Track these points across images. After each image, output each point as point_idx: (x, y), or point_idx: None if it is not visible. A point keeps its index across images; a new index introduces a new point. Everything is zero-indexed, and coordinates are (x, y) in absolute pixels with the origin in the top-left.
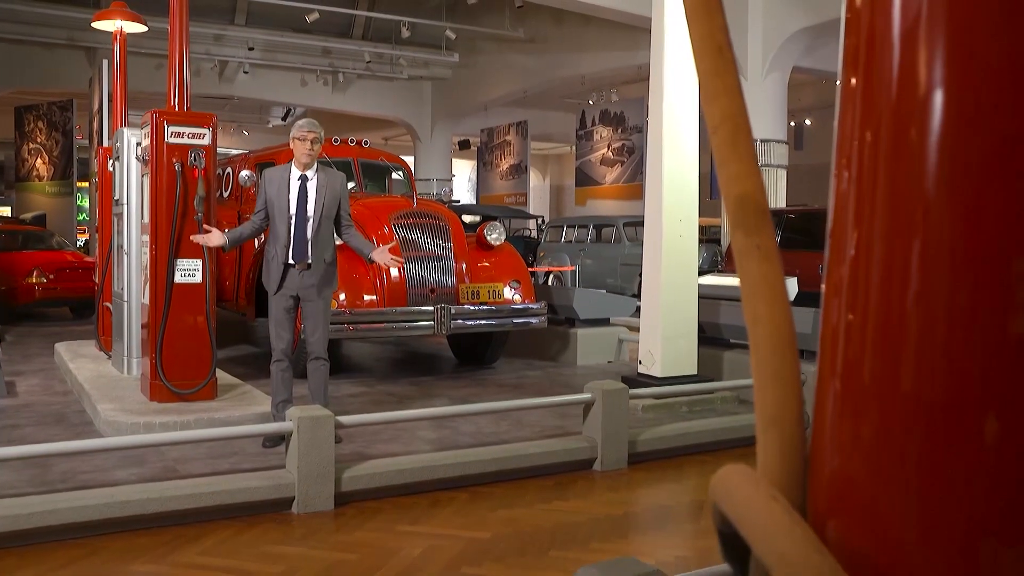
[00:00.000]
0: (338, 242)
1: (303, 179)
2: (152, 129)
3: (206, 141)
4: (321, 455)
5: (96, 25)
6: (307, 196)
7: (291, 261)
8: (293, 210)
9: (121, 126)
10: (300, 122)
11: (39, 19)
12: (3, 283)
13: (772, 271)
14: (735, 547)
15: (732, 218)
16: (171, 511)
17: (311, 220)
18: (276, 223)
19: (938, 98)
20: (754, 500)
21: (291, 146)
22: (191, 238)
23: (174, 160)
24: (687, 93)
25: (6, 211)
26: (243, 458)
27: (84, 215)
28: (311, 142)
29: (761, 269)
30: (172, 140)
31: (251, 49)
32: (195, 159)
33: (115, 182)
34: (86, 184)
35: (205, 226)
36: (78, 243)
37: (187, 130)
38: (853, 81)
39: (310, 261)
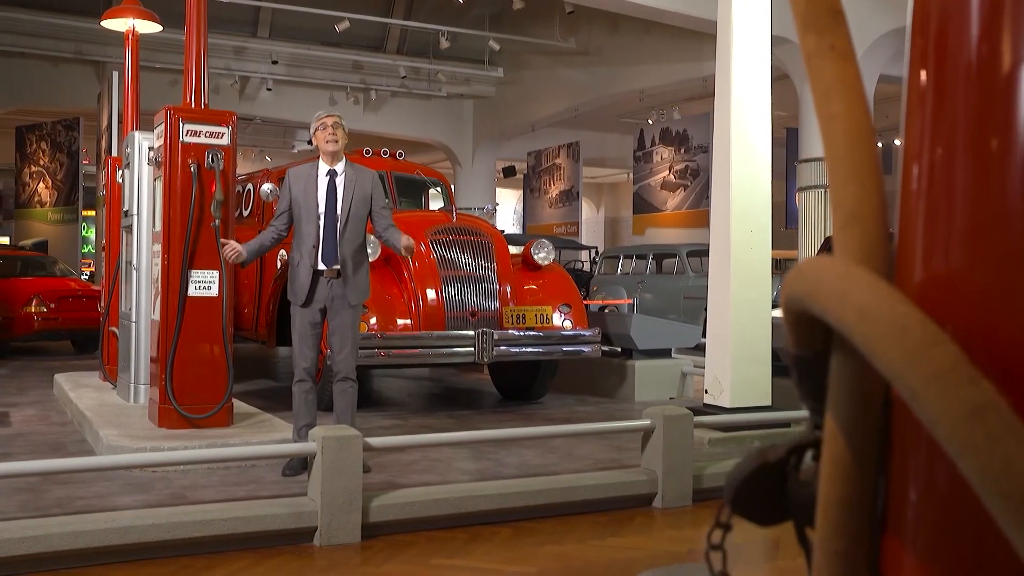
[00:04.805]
0: (370, 252)
1: (332, 174)
2: (166, 128)
3: (225, 141)
4: (347, 481)
5: (106, 24)
6: (336, 193)
7: (320, 266)
8: (322, 208)
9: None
10: (318, 112)
11: (44, 30)
12: None
13: (848, 70)
14: (811, 375)
15: (802, 21)
16: (178, 539)
17: (340, 219)
18: (303, 224)
19: (1022, 102)
20: (831, 269)
21: (314, 141)
22: (224, 250)
23: (190, 161)
24: (758, 86)
25: (4, 240)
26: (260, 487)
27: (90, 247)
28: (332, 127)
29: (836, 69)
30: (188, 139)
31: (275, 63)
32: (213, 160)
33: (124, 192)
34: (92, 213)
35: (223, 239)
36: (83, 276)
37: (204, 128)
38: (923, 83)
39: (339, 267)
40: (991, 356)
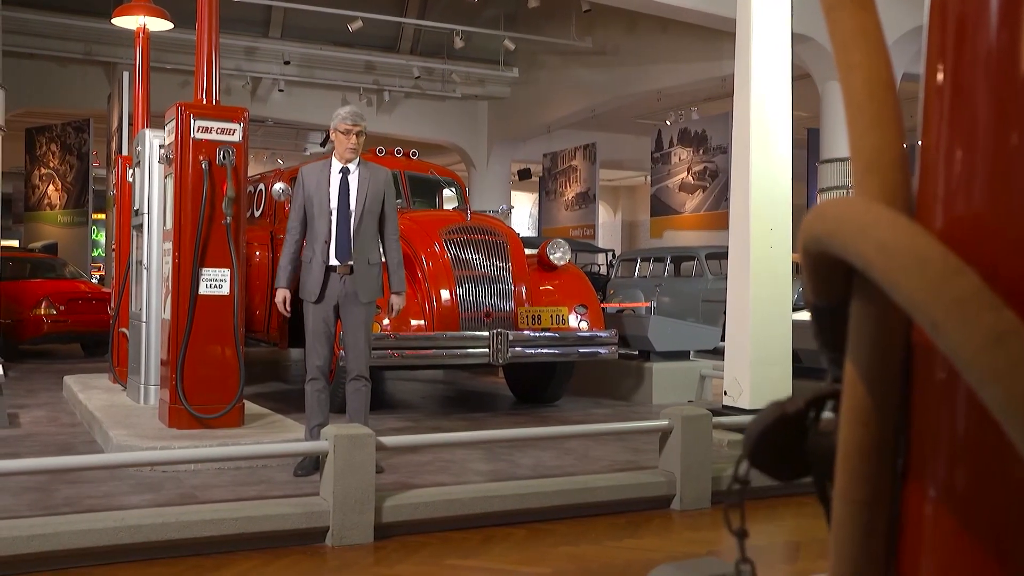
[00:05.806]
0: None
1: (344, 171)
2: (177, 124)
3: (236, 138)
4: (360, 480)
5: (117, 22)
6: (349, 189)
7: (333, 262)
8: (334, 204)
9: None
10: (342, 112)
11: (52, 31)
12: (8, 315)
13: (869, 20)
14: (830, 326)
15: None
16: (188, 538)
17: (353, 216)
18: (315, 221)
19: None
20: (851, 207)
21: (332, 138)
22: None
23: (201, 158)
24: (779, 84)
25: (13, 243)
26: (271, 487)
27: (99, 251)
28: (356, 135)
29: (856, 19)
30: (199, 136)
31: (287, 64)
32: (224, 157)
33: (135, 191)
34: (102, 216)
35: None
36: (93, 279)
37: (216, 124)
38: (940, 77)
39: (352, 263)
40: (1013, 293)
